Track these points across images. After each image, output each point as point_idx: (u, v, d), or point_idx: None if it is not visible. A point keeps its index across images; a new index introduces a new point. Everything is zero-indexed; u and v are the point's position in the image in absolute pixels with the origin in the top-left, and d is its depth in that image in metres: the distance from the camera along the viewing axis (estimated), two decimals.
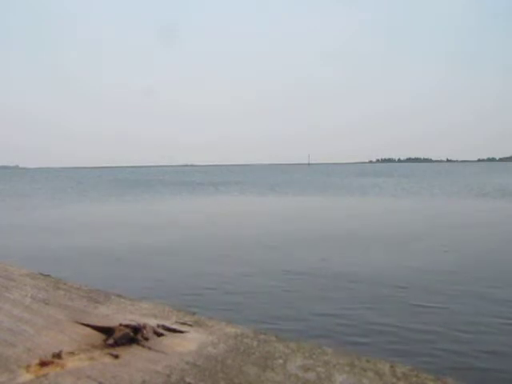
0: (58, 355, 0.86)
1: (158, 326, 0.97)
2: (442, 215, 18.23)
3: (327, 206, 23.55)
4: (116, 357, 0.85)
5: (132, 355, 0.86)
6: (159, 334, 0.95)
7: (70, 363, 0.84)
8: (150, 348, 0.89)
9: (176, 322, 1.01)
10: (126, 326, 0.94)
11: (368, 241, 11.99)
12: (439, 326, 5.64)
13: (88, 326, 1.01)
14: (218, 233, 14.11)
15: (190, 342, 0.90)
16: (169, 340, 0.92)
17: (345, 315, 6.05)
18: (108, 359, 0.85)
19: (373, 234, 13.24)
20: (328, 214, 19.52)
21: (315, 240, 12.32)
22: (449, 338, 5.25)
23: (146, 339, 0.92)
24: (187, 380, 0.75)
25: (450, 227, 14.52)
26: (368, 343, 5.12)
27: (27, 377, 0.79)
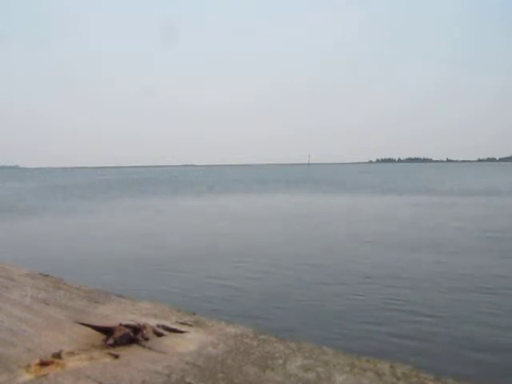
0: (58, 355, 0.86)
1: (158, 326, 0.97)
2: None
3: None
4: (116, 357, 0.85)
5: (132, 355, 0.86)
6: (159, 334, 0.95)
7: (70, 363, 0.84)
8: (150, 348, 0.89)
9: (176, 322, 1.01)
10: (126, 326, 0.94)
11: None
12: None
13: (88, 325, 1.01)
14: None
15: (190, 342, 0.90)
16: (169, 340, 0.92)
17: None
18: (108, 359, 0.85)
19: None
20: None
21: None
22: None
23: (146, 339, 0.92)
24: (187, 380, 0.75)
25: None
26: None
27: (27, 377, 0.79)
